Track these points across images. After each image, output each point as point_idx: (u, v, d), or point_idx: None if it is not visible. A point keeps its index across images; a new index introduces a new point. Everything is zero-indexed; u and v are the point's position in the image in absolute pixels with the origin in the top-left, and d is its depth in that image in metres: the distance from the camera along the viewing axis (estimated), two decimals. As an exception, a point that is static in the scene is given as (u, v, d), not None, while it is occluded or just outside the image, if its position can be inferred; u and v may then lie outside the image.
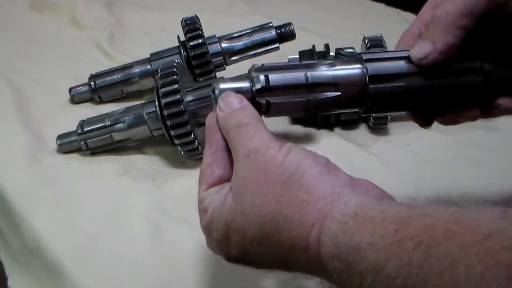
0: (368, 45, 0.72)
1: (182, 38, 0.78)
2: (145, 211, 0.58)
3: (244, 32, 0.79)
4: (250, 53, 0.79)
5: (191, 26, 0.75)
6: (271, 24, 0.78)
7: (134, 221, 0.57)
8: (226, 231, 0.39)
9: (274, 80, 0.44)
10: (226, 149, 0.42)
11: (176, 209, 0.59)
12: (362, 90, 0.46)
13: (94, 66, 0.86)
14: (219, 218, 0.39)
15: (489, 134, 0.73)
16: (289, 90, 0.45)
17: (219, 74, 0.79)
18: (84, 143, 0.67)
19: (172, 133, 0.61)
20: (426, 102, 0.48)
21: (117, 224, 0.56)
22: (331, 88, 0.45)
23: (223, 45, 0.78)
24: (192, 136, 0.61)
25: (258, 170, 0.37)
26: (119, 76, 0.80)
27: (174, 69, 0.62)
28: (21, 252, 0.59)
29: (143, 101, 0.67)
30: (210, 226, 0.40)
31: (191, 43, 0.75)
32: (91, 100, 0.82)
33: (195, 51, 0.75)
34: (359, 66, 0.46)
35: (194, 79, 0.76)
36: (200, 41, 0.75)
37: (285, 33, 0.78)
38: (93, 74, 0.82)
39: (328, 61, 0.46)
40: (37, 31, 1.04)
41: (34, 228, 0.56)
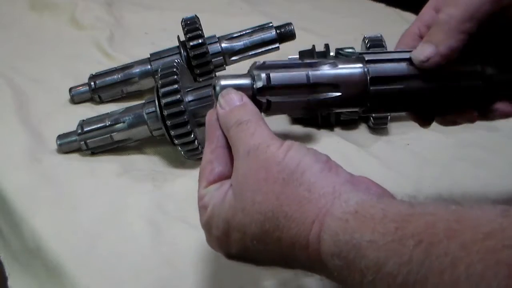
0: (368, 45, 0.72)
1: (182, 38, 0.77)
2: (145, 211, 0.58)
3: (244, 32, 0.79)
4: (250, 53, 0.78)
5: (191, 26, 0.75)
6: (271, 24, 0.78)
7: (134, 221, 0.57)
8: (226, 228, 0.39)
9: (276, 79, 0.44)
10: (227, 146, 0.42)
11: (176, 209, 0.59)
12: (363, 91, 0.46)
13: (94, 66, 0.86)
14: (219, 215, 0.39)
15: (489, 134, 0.73)
16: (290, 89, 0.45)
17: (219, 74, 0.79)
18: (84, 143, 0.67)
19: (172, 133, 0.61)
20: (426, 104, 0.48)
21: (117, 224, 0.56)
22: (332, 88, 0.45)
23: (223, 45, 0.78)
24: (192, 136, 0.61)
25: (259, 167, 0.37)
26: (119, 76, 0.80)
27: (174, 69, 0.62)
28: (21, 252, 0.59)
29: (143, 101, 0.67)
30: (210, 223, 0.40)
31: (191, 43, 0.75)
32: (91, 100, 0.82)
33: (195, 51, 0.75)
34: (360, 66, 0.46)
35: (194, 79, 0.76)
36: (200, 41, 0.75)
37: (285, 33, 0.78)
38: (93, 74, 0.82)
39: (330, 60, 0.46)
40: (37, 31, 1.04)
41: (34, 228, 0.56)
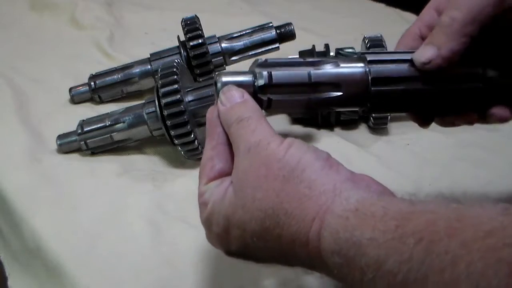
0: (368, 45, 0.72)
1: (182, 38, 0.77)
2: (145, 211, 0.58)
3: (244, 32, 0.78)
4: (250, 53, 0.78)
5: (191, 26, 0.75)
6: (271, 24, 0.78)
7: (134, 221, 0.56)
8: (226, 225, 0.39)
9: (277, 77, 0.44)
10: (227, 143, 0.42)
11: (176, 209, 0.59)
12: (364, 91, 0.46)
13: (94, 66, 0.86)
14: (219, 212, 0.39)
15: (489, 134, 0.73)
16: (291, 88, 0.44)
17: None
18: (84, 143, 0.67)
19: (172, 133, 0.61)
20: (427, 105, 0.48)
21: (117, 224, 0.56)
22: (333, 88, 0.45)
23: (223, 45, 0.78)
24: (192, 136, 0.61)
25: (259, 164, 0.37)
26: (119, 76, 0.80)
27: (174, 69, 0.62)
28: (21, 252, 0.59)
29: (143, 101, 0.67)
30: (210, 220, 0.40)
31: (191, 43, 0.75)
32: (91, 100, 0.82)
33: (195, 51, 0.75)
34: (362, 65, 0.46)
35: (194, 79, 0.76)
36: (200, 41, 0.75)
37: (285, 33, 0.78)
38: (93, 74, 0.81)
39: (332, 59, 0.46)
40: (37, 31, 1.04)
41: (34, 228, 0.56)
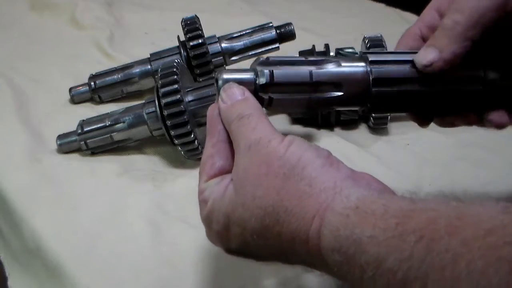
0: (368, 45, 0.72)
1: (182, 38, 0.77)
2: (145, 211, 0.58)
3: (244, 32, 0.78)
4: (250, 53, 0.78)
5: (191, 26, 0.75)
6: (271, 24, 0.78)
7: (134, 221, 0.56)
8: (226, 223, 0.39)
9: (279, 76, 0.44)
10: (228, 141, 0.42)
11: (176, 209, 0.59)
12: (365, 90, 0.46)
13: (94, 66, 0.86)
14: (219, 209, 0.39)
15: (489, 134, 0.72)
16: (293, 87, 0.44)
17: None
18: (84, 143, 0.67)
19: (172, 133, 0.61)
20: (427, 106, 0.48)
21: (117, 224, 0.56)
22: (334, 87, 0.45)
23: (223, 45, 0.78)
24: (192, 136, 0.61)
25: (260, 162, 0.37)
26: (119, 76, 0.80)
27: (174, 69, 0.62)
28: (21, 252, 0.59)
29: (143, 101, 0.67)
30: (210, 218, 0.40)
31: (191, 43, 0.75)
32: (91, 100, 0.81)
33: (195, 51, 0.75)
34: (363, 65, 0.46)
35: (194, 79, 0.76)
36: (200, 41, 0.75)
37: (285, 33, 0.78)
38: (93, 74, 0.81)
39: (334, 59, 0.46)
40: (37, 31, 1.04)
41: (34, 228, 0.56)
